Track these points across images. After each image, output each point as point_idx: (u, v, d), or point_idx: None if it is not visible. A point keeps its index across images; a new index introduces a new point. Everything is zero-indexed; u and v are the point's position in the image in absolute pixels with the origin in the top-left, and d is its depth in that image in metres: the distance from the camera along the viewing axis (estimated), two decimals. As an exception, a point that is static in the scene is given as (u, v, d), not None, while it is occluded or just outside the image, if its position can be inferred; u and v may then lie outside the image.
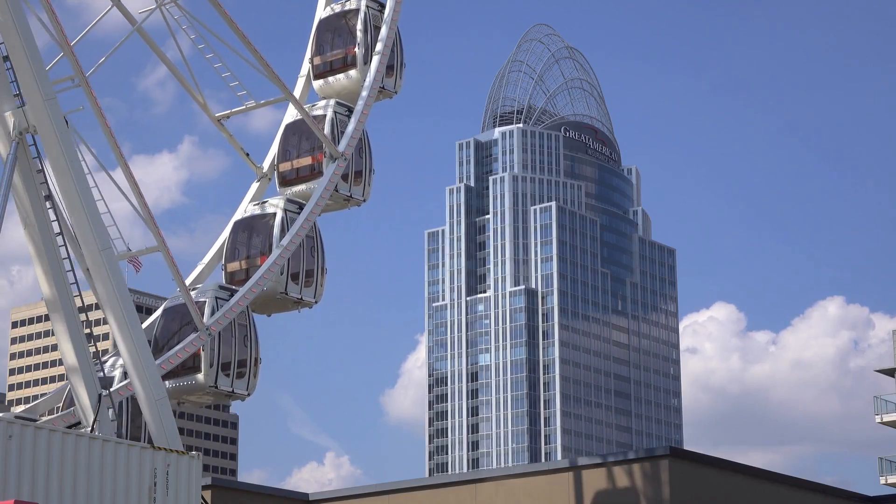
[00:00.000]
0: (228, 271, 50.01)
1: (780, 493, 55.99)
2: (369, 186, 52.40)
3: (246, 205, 51.76)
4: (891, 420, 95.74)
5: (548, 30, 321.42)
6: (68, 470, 34.69)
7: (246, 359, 47.37)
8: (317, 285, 50.43)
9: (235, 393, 47.48)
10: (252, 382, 47.74)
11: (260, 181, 52.73)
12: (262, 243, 49.70)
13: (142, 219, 44.45)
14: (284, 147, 52.14)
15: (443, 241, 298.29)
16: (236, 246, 50.27)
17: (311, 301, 50.43)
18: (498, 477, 54.41)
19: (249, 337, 47.55)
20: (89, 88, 43.43)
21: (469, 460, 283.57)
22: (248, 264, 49.59)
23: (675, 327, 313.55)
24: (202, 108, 51.69)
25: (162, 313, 48.27)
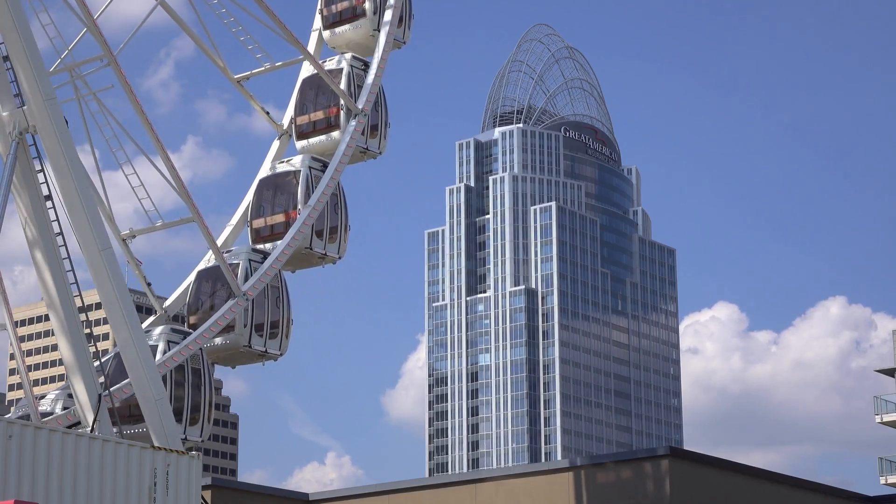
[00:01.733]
0: (254, 227, 50.47)
1: (780, 493, 55.99)
2: (385, 139, 52.65)
3: (269, 163, 52.13)
4: (891, 420, 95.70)
5: (548, 30, 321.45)
6: (68, 470, 34.68)
7: (278, 319, 47.83)
8: (340, 241, 50.84)
9: (268, 353, 47.93)
10: (284, 343, 48.26)
11: (281, 138, 53.09)
12: (287, 201, 50.00)
13: (175, 191, 45.57)
14: (301, 102, 52.35)
15: (443, 241, 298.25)
16: (261, 203, 50.62)
17: (335, 257, 50.99)
18: (498, 477, 54.43)
19: (282, 298, 48.17)
20: (118, 67, 44.01)
21: (469, 460, 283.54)
22: (273, 221, 49.98)
23: (675, 327, 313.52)
24: (222, 71, 51.74)
25: (196, 277, 48.78)
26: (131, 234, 51.04)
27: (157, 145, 45.27)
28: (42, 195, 40.15)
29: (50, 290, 40.14)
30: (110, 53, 44.22)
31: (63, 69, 47.80)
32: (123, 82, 44.38)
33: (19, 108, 40.10)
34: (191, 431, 45.79)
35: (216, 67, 50.82)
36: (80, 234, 40.58)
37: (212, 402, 46.36)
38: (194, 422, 45.79)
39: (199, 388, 45.92)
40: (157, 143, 45.18)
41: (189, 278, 50.02)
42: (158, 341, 45.66)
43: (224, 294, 48.22)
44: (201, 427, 45.95)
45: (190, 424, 45.64)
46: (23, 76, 39.75)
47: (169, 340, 45.58)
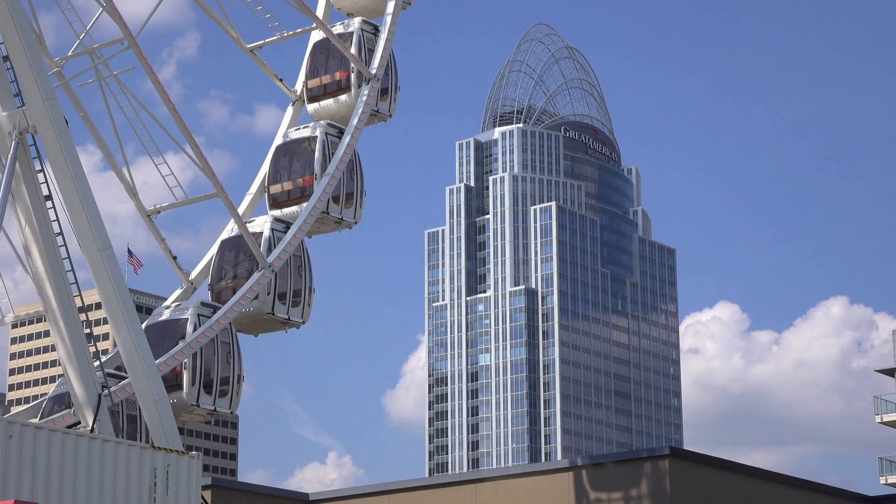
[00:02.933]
0: (271, 194, 50.91)
1: (779, 493, 55.99)
2: (395, 103, 52.98)
3: (284, 130, 52.49)
4: (891, 420, 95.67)
5: (548, 30, 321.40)
6: (68, 470, 34.66)
7: (301, 288, 48.29)
8: (356, 206, 51.59)
9: (291, 320, 48.41)
10: (307, 311, 48.74)
11: (294, 105, 53.48)
12: (302, 167, 50.34)
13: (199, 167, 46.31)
14: (313, 65, 52.80)
15: (443, 241, 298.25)
16: (278, 170, 50.93)
17: (352, 222, 51.70)
18: (498, 477, 54.42)
19: (304, 266, 48.67)
20: (139, 48, 44.68)
21: (469, 460, 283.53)
22: (291, 185, 50.40)
23: (675, 327, 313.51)
24: (235, 42, 52.04)
25: (219, 247, 49.37)
26: (156, 209, 51.75)
27: (180, 123, 46.00)
28: (42, 195, 40.13)
29: (50, 290, 40.11)
30: (130, 36, 44.91)
31: (83, 52, 48.22)
32: (144, 64, 45.17)
33: (19, 108, 40.08)
34: (220, 403, 46.78)
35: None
36: (80, 234, 40.55)
37: (241, 375, 47.07)
38: (223, 394, 46.65)
39: (228, 361, 46.54)
40: (180, 121, 45.84)
41: (212, 248, 50.67)
42: (189, 315, 46.51)
43: (247, 263, 48.97)
44: (230, 399, 46.87)
45: (220, 396, 46.55)
46: (23, 76, 39.73)
47: (200, 315, 46.45)
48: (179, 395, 46.05)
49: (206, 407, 46.62)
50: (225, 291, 49.67)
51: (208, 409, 46.78)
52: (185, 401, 46.17)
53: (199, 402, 46.34)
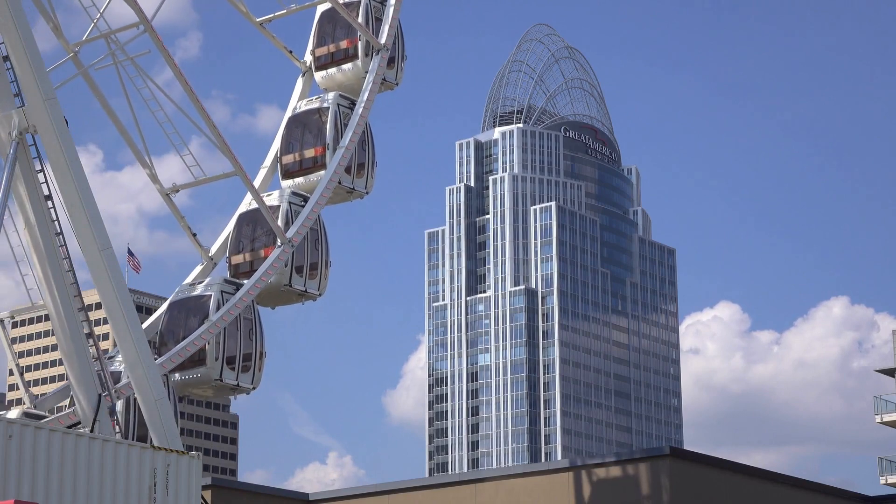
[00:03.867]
0: (284, 164, 51.30)
1: (779, 493, 55.98)
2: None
3: (294, 102, 52.80)
4: (891, 420, 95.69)
5: (548, 30, 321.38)
6: (68, 470, 34.66)
7: (317, 261, 48.44)
8: (367, 177, 52.13)
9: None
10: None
11: (304, 77, 53.78)
12: (314, 138, 50.83)
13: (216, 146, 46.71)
14: (320, 34, 53.15)
15: (443, 241, 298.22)
16: (291, 141, 51.32)
17: (363, 192, 52.31)
18: (498, 477, 54.40)
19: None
20: (154, 33, 45.05)
21: (469, 460, 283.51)
22: (303, 156, 51.00)
23: (675, 327, 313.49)
24: (245, 16, 52.28)
25: (237, 220, 50.14)
26: (175, 188, 52.13)
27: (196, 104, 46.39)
28: (42, 195, 40.13)
29: (50, 290, 40.11)
30: (146, 20, 45.37)
31: (98, 37, 48.57)
32: (160, 47, 45.52)
33: (19, 108, 40.08)
34: (243, 378, 47.16)
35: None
36: (80, 234, 40.55)
37: (263, 351, 47.44)
38: (246, 370, 47.08)
39: (251, 338, 46.98)
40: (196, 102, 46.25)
41: (230, 223, 51.17)
42: (213, 293, 46.93)
43: (264, 238, 49.48)
44: (252, 375, 47.30)
45: (242, 371, 46.96)
46: (23, 76, 39.72)
47: (223, 291, 46.85)
48: (203, 370, 46.48)
49: (229, 382, 46.96)
50: (242, 265, 50.17)
51: (231, 383, 47.15)
52: (209, 375, 46.50)
53: (223, 377, 46.70)
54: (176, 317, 48.02)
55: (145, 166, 51.26)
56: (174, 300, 48.65)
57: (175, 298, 48.74)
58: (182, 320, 47.62)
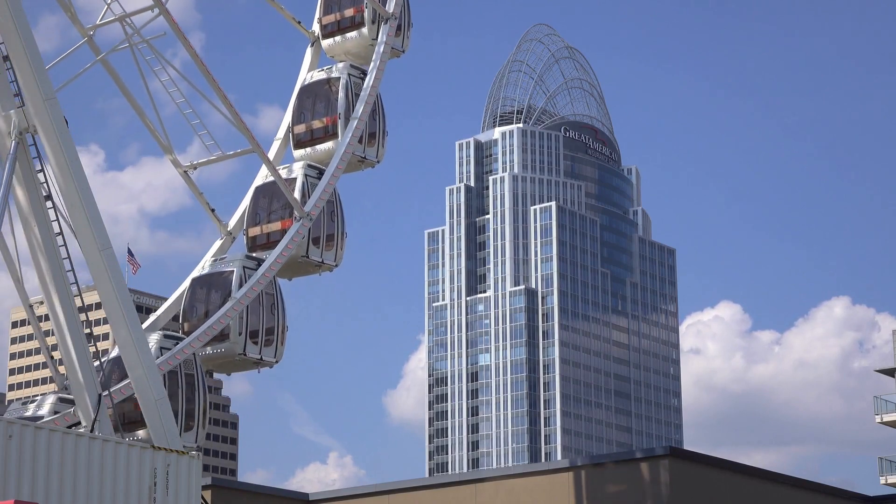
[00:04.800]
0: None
1: (779, 493, 55.99)
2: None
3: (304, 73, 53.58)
4: (891, 420, 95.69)
5: (548, 30, 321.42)
6: (68, 470, 34.67)
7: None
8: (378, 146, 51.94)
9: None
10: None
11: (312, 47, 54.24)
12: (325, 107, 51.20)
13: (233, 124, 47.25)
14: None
15: (443, 241, 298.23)
16: (302, 111, 51.60)
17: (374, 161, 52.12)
18: (498, 477, 54.40)
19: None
20: (169, 15, 45.20)
21: (469, 460, 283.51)
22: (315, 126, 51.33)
23: (675, 327, 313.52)
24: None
25: (254, 193, 50.60)
26: (192, 165, 52.41)
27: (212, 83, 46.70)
28: (42, 195, 40.13)
29: (50, 290, 40.12)
30: (160, 3, 45.40)
31: (113, 20, 48.65)
32: (176, 29, 45.72)
33: (19, 108, 40.08)
34: (266, 352, 47.65)
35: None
36: (80, 234, 40.55)
37: (285, 325, 47.83)
38: (269, 344, 47.63)
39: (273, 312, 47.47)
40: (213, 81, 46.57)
41: (247, 195, 51.51)
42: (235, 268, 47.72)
43: (281, 211, 49.99)
44: (275, 348, 47.85)
45: (265, 345, 47.48)
46: (23, 76, 39.72)
47: (245, 267, 47.53)
48: (227, 345, 46.87)
49: (253, 356, 47.33)
50: (259, 237, 50.54)
51: (255, 357, 47.55)
52: (233, 350, 46.86)
53: (247, 352, 47.04)
54: (198, 293, 48.63)
55: (163, 146, 51.37)
56: (196, 276, 49.24)
57: (197, 274, 49.32)
58: (204, 296, 48.32)
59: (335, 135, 52.03)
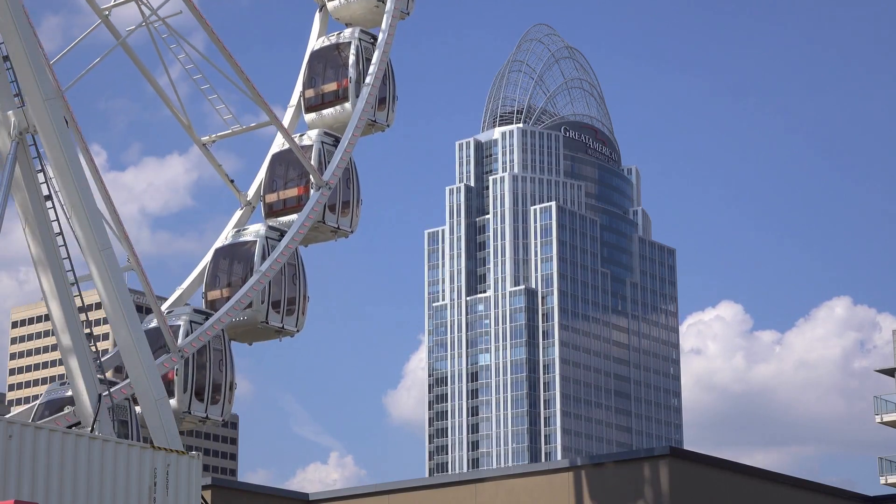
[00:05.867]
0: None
1: (779, 493, 55.99)
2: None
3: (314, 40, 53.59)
4: (891, 420, 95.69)
5: (548, 30, 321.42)
6: (68, 470, 34.66)
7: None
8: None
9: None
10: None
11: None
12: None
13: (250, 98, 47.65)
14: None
15: (443, 241, 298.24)
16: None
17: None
18: (498, 477, 54.40)
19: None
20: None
21: (469, 460, 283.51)
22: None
23: (675, 327, 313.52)
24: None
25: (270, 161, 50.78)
26: (211, 139, 53.02)
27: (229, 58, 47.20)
28: (42, 195, 40.14)
29: (50, 290, 40.12)
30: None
31: None
32: (191, 7, 46.00)
33: (19, 108, 40.08)
34: (288, 321, 48.03)
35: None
36: (81, 234, 40.55)
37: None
38: (290, 313, 47.94)
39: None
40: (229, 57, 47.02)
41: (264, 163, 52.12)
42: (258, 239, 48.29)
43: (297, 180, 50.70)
44: (297, 318, 48.19)
45: (287, 315, 47.81)
46: (23, 76, 39.73)
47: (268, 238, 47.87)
48: (250, 313, 47.27)
49: (275, 324, 47.69)
50: (276, 204, 51.22)
51: (276, 326, 48.00)
52: (256, 318, 47.29)
53: (269, 320, 47.46)
54: (221, 264, 49.33)
55: (182, 122, 51.73)
56: (219, 247, 49.92)
57: (220, 245, 49.97)
58: (227, 267, 49.07)
59: (346, 98, 52.64)
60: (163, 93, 50.99)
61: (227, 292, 48.88)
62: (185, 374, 45.70)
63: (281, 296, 48.45)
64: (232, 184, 52.31)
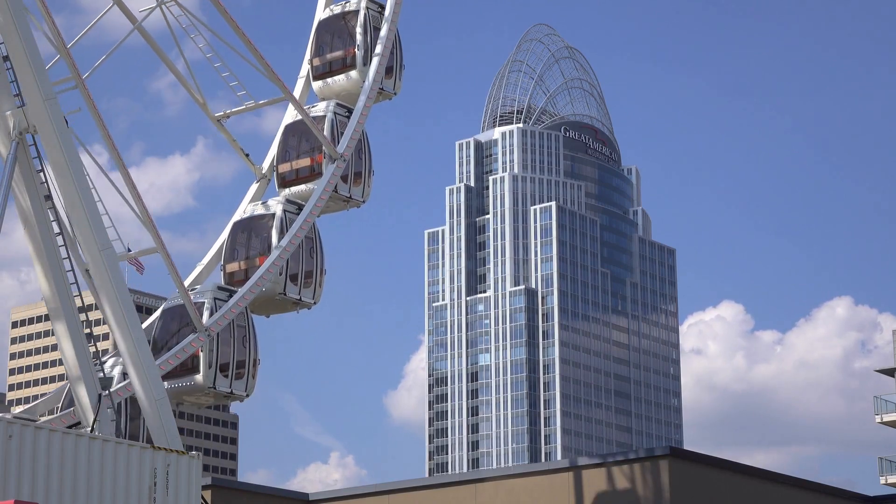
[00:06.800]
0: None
1: (779, 493, 55.97)
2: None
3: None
4: (891, 420, 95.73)
5: (548, 30, 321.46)
6: (68, 470, 34.66)
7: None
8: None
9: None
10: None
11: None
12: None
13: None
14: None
15: (443, 241, 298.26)
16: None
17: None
18: (498, 477, 54.36)
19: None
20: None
21: (469, 460, 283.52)
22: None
23: (675, 327, 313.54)
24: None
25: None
26: (225, 115, 53.16)
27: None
28: (42, 195, 40.12)
29: (50, 290, 40.11)
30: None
31: None
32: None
33: (19, 108, 40.07)
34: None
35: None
36: (81, 234, 40.54)
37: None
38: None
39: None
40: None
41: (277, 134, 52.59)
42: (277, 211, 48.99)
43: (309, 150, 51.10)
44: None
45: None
46: (23, 76, 39.72)
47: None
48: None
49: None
50: (289, 174, 51.77)
51: (294, 297, 48.48)
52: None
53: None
54: (239, 237, 49.97)
55: (196, 99, 51.74)
56: (237, 220, 50.51)
57: (238, 219, 50.61)
58: (245, 240, 49.67)
59: (353, 66, 53.12)
60: (178, 72, 51.01)
61: (244, 265, 49.50)
62: (210, 350, 46.06)
63: (298, 268, 49.21)
64: (247, 157, 52.77)
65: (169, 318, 48.01)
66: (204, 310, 46.53)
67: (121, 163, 44.42)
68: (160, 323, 48.36)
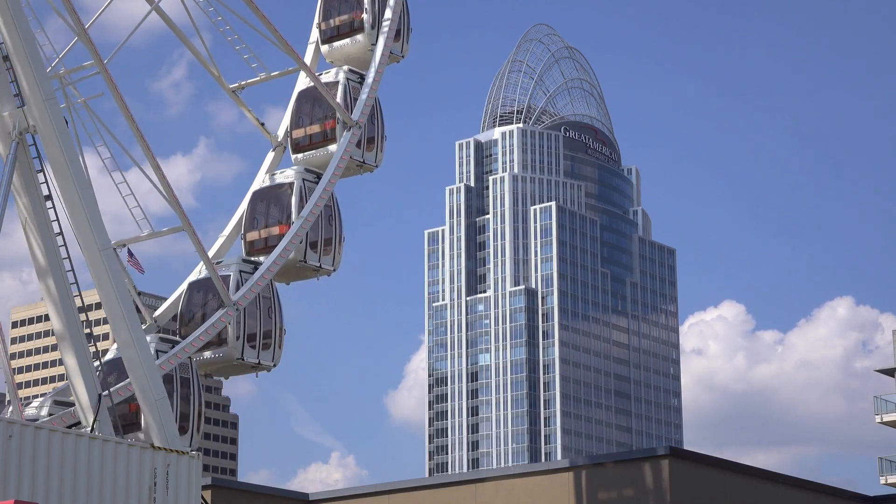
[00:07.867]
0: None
1: (780, 493, 55.98)
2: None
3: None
4: (891, 420, 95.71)
5: (548, 30, 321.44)
6: (68, 470, 34.66)
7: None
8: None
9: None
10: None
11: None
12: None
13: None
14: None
15: (443, 241, 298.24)
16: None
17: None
18: (498, 477, 54.38)
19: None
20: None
21: (469, 460, 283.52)
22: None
23: (675, 327, 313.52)
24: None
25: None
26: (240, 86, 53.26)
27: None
28: (42, 195, 40.12)
29: (50, 290, 40.10)
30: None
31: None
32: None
33: (19, 108, 40.07)
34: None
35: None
36: (80, 234, 40.54)
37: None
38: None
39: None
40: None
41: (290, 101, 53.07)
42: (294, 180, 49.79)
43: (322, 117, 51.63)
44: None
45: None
46: (23, 76, 39.71)
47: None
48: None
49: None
50: (303, 139, 52.45)
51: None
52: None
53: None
54: (259, 206, 50.55)
55: (212, 72, 51.99)
56: (256, 190, 51.03)
57: (257, 188, 51.11)
58: (265, 209, 50.28)
59: (360, 29, 54.03)
60: (193, 47, 51.05)
61: (264, 233, 50.03)
62: (238, 322, 46.46)
63: (318, 236, 49.74)
64: (262, 126, 53.26)
65: (195, 291, 48.55)
66: (230, 282, 47.20)
67: (145, 144, 44.91)
68: (186, 296, 48.90)
